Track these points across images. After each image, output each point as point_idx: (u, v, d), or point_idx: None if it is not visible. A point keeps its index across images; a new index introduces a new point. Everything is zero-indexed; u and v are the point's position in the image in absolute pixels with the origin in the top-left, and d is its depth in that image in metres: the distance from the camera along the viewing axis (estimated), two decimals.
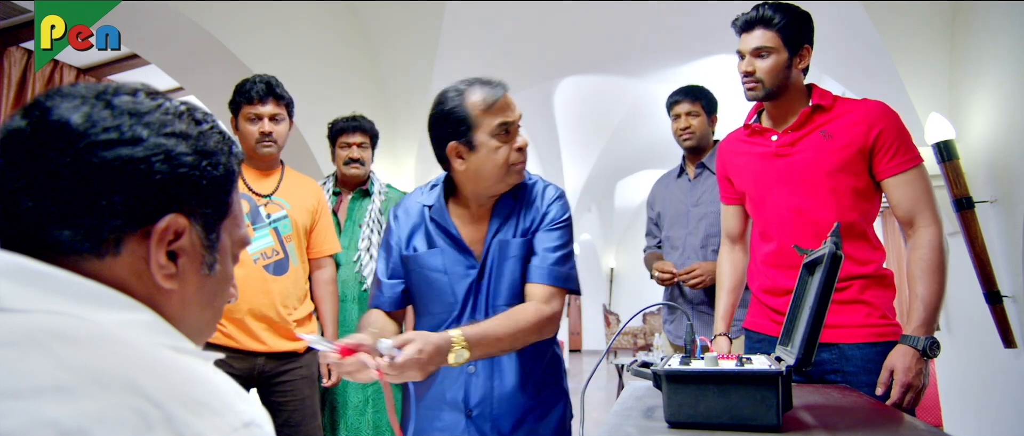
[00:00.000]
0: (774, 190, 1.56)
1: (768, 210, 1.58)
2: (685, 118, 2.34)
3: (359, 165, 2.40)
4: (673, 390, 0.91)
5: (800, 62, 1.53)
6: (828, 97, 1.53)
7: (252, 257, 1.90)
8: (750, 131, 1.63)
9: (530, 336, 1.26)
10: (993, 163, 2.49)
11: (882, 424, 1.00)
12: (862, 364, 1.45)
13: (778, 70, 1.50)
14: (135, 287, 0.51)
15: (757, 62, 1.52)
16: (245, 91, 1.97)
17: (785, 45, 1.50)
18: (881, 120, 1.47)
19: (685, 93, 2.37)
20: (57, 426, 0.37)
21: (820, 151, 1.49)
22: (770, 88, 1.52)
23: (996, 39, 2.45)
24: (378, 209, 2.42)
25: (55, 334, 0.42)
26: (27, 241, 0.49)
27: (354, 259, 2.33)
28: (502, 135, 1.30)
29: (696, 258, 2.27)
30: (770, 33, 1.50)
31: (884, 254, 1.53)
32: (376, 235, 2.39)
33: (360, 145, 2.41)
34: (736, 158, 1.67)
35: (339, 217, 2.40)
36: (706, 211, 2.28)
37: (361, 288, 2.33)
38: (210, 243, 0.57)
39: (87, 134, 0.49)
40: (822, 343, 1.43)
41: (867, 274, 1.49)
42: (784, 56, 1.50)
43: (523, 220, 1.37)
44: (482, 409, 1.34)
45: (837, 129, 1.49)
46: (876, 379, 1.39)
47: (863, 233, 1.51)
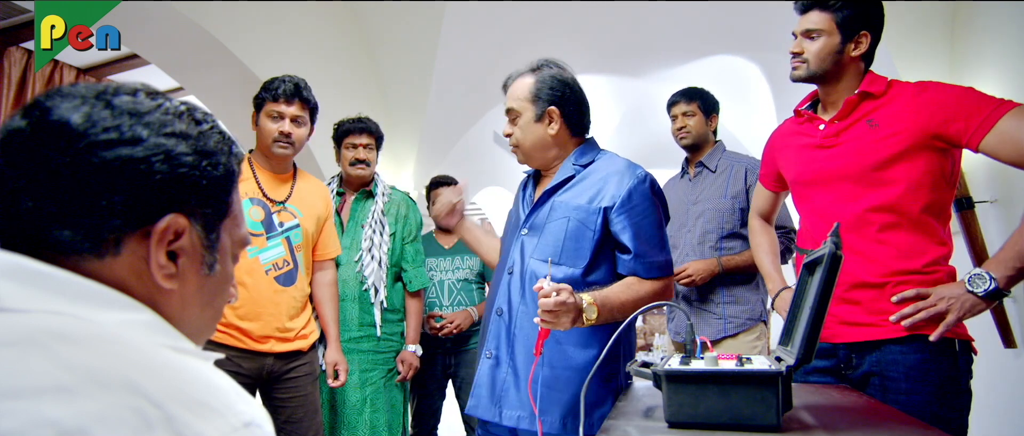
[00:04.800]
0: (818, 184, 1.48)
1: (810, 205, 1.52)
2: (682, 118, 2.39)
3: (365, 166, 2.41)
4: (673, 390, 0.91)
5: (855, 48, 1.43)
6: (880, 83, 1.42)
7: (264, 268, 1.89)
8: (802, 119, 1.56)
9: (644, 303, 1.35)
10: (993, 163, 2.48)
11: (882, 424, 1.00)
12: (904, 370, 1.32)
13: (826, 54, 1.43)
14: (135, 287, 0.51)
15: (806, 43, 1.46)
16: (272, 88, 1.94)
17: (838, 28, 1.42)
18: (936, 96, 1.35)
19: (682, 94, 2.43)
20: (57, 426, 0.37)
21: (864, 141, 1.40)
22: (814, 70, 1.45)
23: (996, 39, 2.45)
24: (380, 210, 2.42)
25: (55, 334, 0.42)
26: (27, 241, 0.49)
27: (355, 259, 2.33)
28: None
29: (693, 255, 2.29)
30: (824, 15, 1.43)
31: (948, 249, 1.40)
32: (378, 236, 2.39)
33: (366, 146, 2.42)
34: (784, 148, 1.60)
35: (342, 217, 2.40)
36: (704, 209, 2.30)
37: (362, 288, 2.32)
38: (210, 243, 0.57)
39: (87, 134, 0.49)
40: (860, 343, 1.38)
41: (915, 269, 1.36)
42: (835, 40, 1.43)
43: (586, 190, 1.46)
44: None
45: (885, 117, 1.39)
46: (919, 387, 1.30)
47: (920, 224, 1.37)
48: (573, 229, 1.42)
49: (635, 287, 1.39)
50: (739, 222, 2.24)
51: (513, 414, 1.39)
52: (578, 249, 1.41)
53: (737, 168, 2.28)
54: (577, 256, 1.41)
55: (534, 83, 1.49)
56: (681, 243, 2.35)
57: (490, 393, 1.42)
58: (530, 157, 1.53)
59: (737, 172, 2.27)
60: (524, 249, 1.47)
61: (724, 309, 2.22)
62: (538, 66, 1.52)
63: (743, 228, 2.23)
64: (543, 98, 1.48)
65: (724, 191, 2.26)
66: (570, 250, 1.41)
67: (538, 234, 1.46)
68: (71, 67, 4.10)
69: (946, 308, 1.29)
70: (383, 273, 2.36)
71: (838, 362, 1.44)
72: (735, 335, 2.20)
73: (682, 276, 2.23)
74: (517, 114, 1.50)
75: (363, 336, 2.31)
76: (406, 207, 2.51)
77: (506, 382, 1.41)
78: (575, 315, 1.22)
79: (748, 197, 2.22)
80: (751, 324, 2.20)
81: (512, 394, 1.40)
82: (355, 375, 2.26)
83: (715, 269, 2.21)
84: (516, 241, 1.49)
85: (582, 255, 1.41)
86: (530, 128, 1.49)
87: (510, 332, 1.43)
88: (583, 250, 1.41)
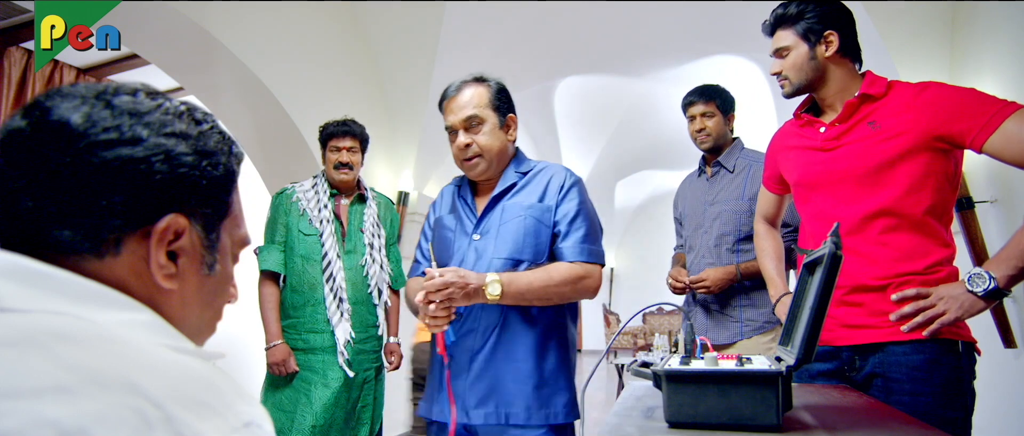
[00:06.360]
0: (819, 186, 1.49)
1: (812, 207, 1.52)
2: (700, 120, 2.27)
3: (349, 170, 2.41)
4: (673, 390, 0.91)
5: (826, 50, 1.46)
6: (880, 85, 1.43)
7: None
8: (802, 122, 1.57)
9: (563, 288, 1.42)
10: (993, 163, 2.49)
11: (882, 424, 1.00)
12: (908, 371, 1.32)
13: (801, 65, 1.48)
14: (135, 287, 0.51)
15: (780, 62, 1.51)
16: None
17: (802, 38, 1.47)
18: (938, 96, 1.35)
19: (699, 94, 2.30)
20: (57, 426, 0.37)
21: (866, 143, 1.40)
22: (798, 83, 1.49)
23: (996, 39, 2.45)
24: (376, 214, 2.47)
25: (55, 334, 0.42)
26: (27, 241, 0.49)
27: (360, 263, 2.37)
28: (451, 134, 1.53)
29: (709, 258, 2.22)
30: (787, 32, 1.49)
31: (951, 251, 1.40)
32: (378, 240, 2.43)
33: (350, 149, 2.41)
34: (786, 150, 1.60)
35: (342, 220, 2.41)
36: (721, 210, 2.22)
37: (367, 291, 2.37)
38: (210, 243, 0.57)
39: (87, 134, 0.49)
40: (864, 345, 1.38)
41: (917, 271, 1.36)
42: (803, 49, 1.47)
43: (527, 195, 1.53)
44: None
45: (886, 118, 1.39)
46: (923, 388, 1.30)
47: (922, 226, 1.37)
48: (531, 226, 1.48)
49: (549, 270, 1.43)
50: None
51: (479, 413, 1.42)
52: (537, 245, 1.48)
53: (755, 168, 2.18)
54: (537, 252, 1.47)
55: (489, 92, 1.53)
56: (697, 245, 2.26)
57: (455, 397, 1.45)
58: (491, 164, 1.53)
59: (755, 172, 2.17)
60: (479, 251, 1.48)
61: (741, 313, 2.15)
62: (479, 77, 1.55)
63: None
64: (502, 107, 1.54)
65: (741, 192, 2.19)
66: (531, 246, 1.47)
67: (493, 236, 1.49)
68: (71, 67, 4.10)
69: (945, 308, 1.29)
70: (385, 276, 2.43)
71: (842, 364, 1.43)
72: (751, 338, 2.14)
73: (699, 284, 2.16)
74: (481, 121, 1.50)
75: (368, 337, 2.36)
76: (389, 211, 2.57)
77: (469, 384, 1.44)
78: (471, 292, 1.34)
79: None
80: (768, 327, 2.13)
81: (475, 395, 1.43)
82: (359, 374, 2.31)
83: (733, 276, 2.13)
84: (467, 246, 1.51)
85: (541, 250, 1.48)
86: (496, 134, 1.52)
87: (469, 334, 1.46)
88: (542, 245, 1.48)
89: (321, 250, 2.29)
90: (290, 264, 2.31)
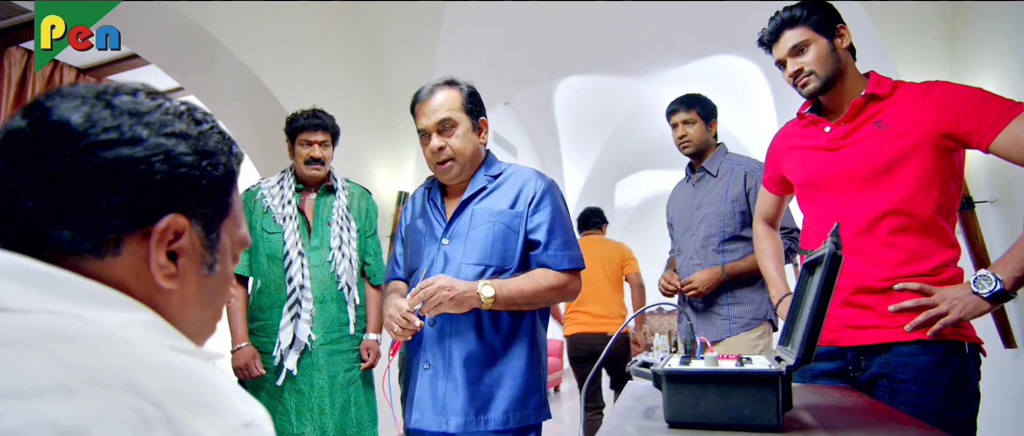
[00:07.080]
0: (825, 186, 1.48)
1: (817, 207, 1.51)
2: (682, 127, 2.39)
3: (320, 165, 2.27)
4: (673, 390, 0.91)
5: (841, 42, 1.46)
6: (885, 84, 1.42)
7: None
8: (806, 122, 1.55)
9: (551, 294, 1.47)
10: (993, 163, 2.49)
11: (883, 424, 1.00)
12: (914, 372, 1.31)
13: (825, 57, 1.44)
14: (135, 287, 0.51)
15: (800, 59, 1.46)
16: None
17: (819, 32, 1.44)
18: (944, 94, 1.34)
19: (681, 102, 2.42)
20: (57, 426, 0.37)
21: (874, 142, 1.39)
22: (825, 75, 1.45)
23: (996, 39, 2.45)
24: (345, 206, 2.32)
25: (55, 334, 0.42)
26: (27, 241, 0.49)
27: (327, 259, 2.24)
28: (423, 137, 1.54)
29: (697, 259, 2.31)
30: (800, 28, 1.45)
31: (957, 251, 1.39)
32: (346, 233, 2.30)
33: (321, 143, 2.27)
34: (789, 150, 1.59)
35: (306, 215, 2.28)
36: (706, 213, 2.31)
37: (337, 287, 2.25)
38: (210, 243, 0.57)
39: (87, 134, 0.49)
40: (869, 345, 1.37)
41: (923, 272, 1.35)
42: (823, 42, 1.45)
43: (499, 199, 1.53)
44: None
45: (893, 117, 1.38)
46: (929, 389, 1.29)
47: (931, 225, 1.36)
48: (499, 232, 1.48)
49: (538, 277, 1.46)
50: (740, 225, 2.24)
51: (458, 420, 1.43)
52: (506, 250, 1.48)
53: (737, 172, 2.28)
54: (505, 257, 1.48)
55: (462, 95, 1.53)
56: (685, 247, 2.36)
57: (432, 405, 1.45)
58: (464, 168, 1.53)
59: (737, 175, 2.27)
60: (449, 256, 1.49)
61: (728, 310, 2.23)
62: (451, 80, 1.55)
63: (744, 230, 2.23)
64: (474, 110, 1.54)
65: (724, 195, 2.27)
66: (499, 251, 1.48)
67: (462, 240, 1.49)
68: (71, 67, 4.10)
69: (948, 309, 1.28)
70: (354, 271, 2.30)
71: (845, 364, 1.43)
72: (738, 335, 2.21)
73: (688, 287, 2.25)
74: (454, 124, 1.51)
75: (341, 337, 2.25)
76: (364, 200, 2.43)
77: (446, 390, 1.44)
78: (462, 299, 1.36)
79: (748, 200, 2.23)
80: (755, 323, 2.21)
81: (453, 401, 1.43)
82: (339, 376, 2.21)
83: (720, 278, 2.22)
84: (437, 250, 1.51)
85: (510, 256, 1.49)
86: (469, 137, 1.53)
87: (443, 340, 1.47)
88: (511, 251, 1.49)
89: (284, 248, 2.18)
90: (256, 264, 2.21)
